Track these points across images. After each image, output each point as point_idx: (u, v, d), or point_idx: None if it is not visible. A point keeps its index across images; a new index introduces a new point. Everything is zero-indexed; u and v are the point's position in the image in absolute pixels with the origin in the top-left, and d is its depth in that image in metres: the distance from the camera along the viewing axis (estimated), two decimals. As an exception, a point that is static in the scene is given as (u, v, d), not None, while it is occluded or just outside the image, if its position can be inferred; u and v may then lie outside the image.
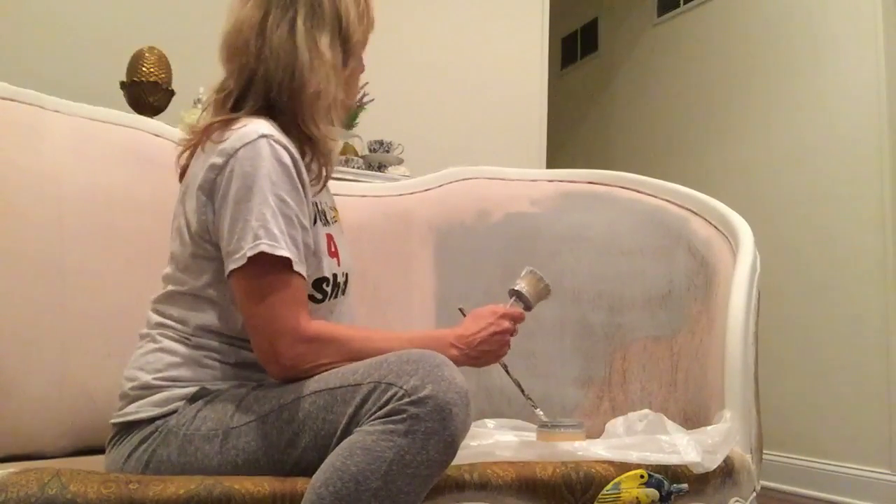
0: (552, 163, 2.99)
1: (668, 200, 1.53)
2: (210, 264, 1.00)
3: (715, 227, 1.43)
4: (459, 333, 1.06)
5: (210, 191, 0.98)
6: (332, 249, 1.09)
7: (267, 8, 0.99)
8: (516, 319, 1.12)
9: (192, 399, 0.97)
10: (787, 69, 3.04)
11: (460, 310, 1.32)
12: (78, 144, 1.33)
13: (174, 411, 0.97)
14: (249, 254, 0.92)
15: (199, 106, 2.02)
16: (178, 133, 1.49)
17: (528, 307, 1.19)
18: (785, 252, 2.91)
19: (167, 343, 1.01)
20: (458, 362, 0.99)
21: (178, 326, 1.02)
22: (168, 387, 0.98)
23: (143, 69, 1.96)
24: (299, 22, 0.99)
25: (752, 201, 3.03)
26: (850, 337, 2.67)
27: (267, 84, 1.00)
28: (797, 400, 2.82)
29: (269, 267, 0.93)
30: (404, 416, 0.82)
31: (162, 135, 1.46)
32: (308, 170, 1.03)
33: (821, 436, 2.74)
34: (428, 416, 0.81)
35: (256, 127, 0.96)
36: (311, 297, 1.03)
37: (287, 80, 0.99)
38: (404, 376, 0.84)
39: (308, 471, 0.86)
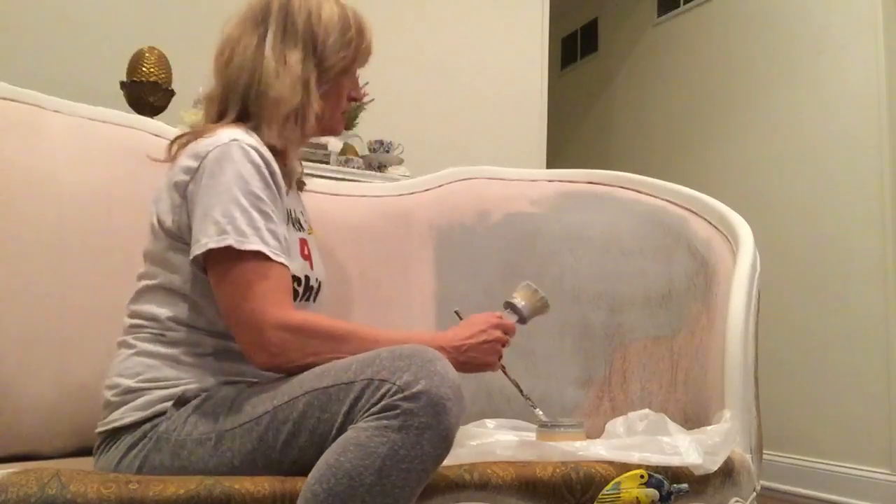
0: (552, 163, 2.99)
1: (668, 200, 1.53)
2: (185, 260, 1.01)
3: (715, 227, 1.43)
4: (450, 337, 1.08)
5: (184, 192, 1.01)
6: (305, 253, 1.12)
7: (244, 27, 1.09)
8: (508, 330, 1.14)
9: (179, 403, 0.97)
10: (787, 69, 3.04)
11: (456, 312, 1.32)
12: (78, 144, 1.33)
13: (159, 414, 0.97)
14: (213, 245, 0.94)
15: (199, 106, 2.02)
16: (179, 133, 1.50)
17: (522, 319, 1.20)
18: (785, 252, 2.91)
19: (143, 346, 1.02)
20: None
21: (150, 324, 1.03)
22: (150, 389, 0.99)
23: (143, 69, 1.96)
24: (269, 36, 1.08)
25: (752, 201, 3.03)
26: (850, 337, 2.67)
27: (237, 89, 1.07)
28: (797, 400, 2.82)
29: (241, 262, 0.95)
30: (398, 411, 0.82)
31: (162, 135, 1.46)
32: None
33: (821, 436, 2.74)
34: (422, 410, 0.82)
35: (229, 133, 1.01)
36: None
37: (254, 85, 1.06)
38: (397, 372, 0.84)
39: (306, 469, 0.87)
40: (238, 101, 1.07)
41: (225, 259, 0.96)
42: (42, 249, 1.23)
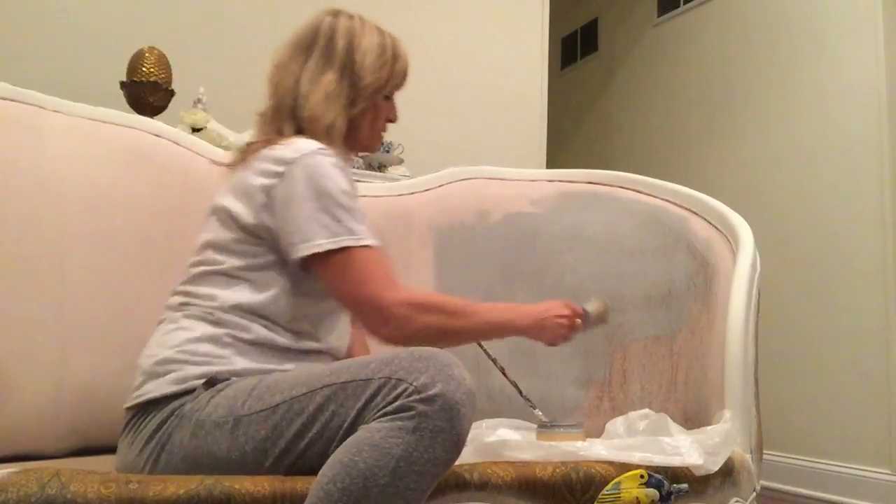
0: (552, 163, 2.99)
1: (668, 200, 1.53)
2: (257, 250, 1.09)
3: (715, 227, 1.43)
4: (534, 306, 1.22)
5: (269, 194, 1.07)
6: None
7: (292, 53, 1.20)
8: (575, 312, 1.24)
9: (208, 384, 1.00)
10: (787, 69, 3.04)
11: None
12: (78, 144, 1.33)
13: (190, 391, 0.99)
14: (331, 247, 1.04)
15: (200, 106, 2.03)
16: (179, 133, 1.50)
17: (586, 321, 1.27)
18: (785, 252, 2.91)
19: (187, 322, 1.06)
20: (526, 331, 1.20)
21: (203, 303, 1.07)
22: (185, 361, 1.02)
23: (143, 69, 1.96)
24: (311, 61, 1.18)
25: (752, 201, 3.03)
26: (850, 337, 2.67)
27: (285, 110, 1.16)
28: (797, 400, 2.82)
29: (356, 256, 1.06)
30: (413, 413, 0.83)
31: (162, 135, 1.46)
32: None
33: (821, 436, 2.74)
34: (436, 414, 0.83)
35: (310, 143, 1.10)
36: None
37: (292, 104, 1.16)
38: (415, 373, 0.86)
39: (312, 461, 0.88)
40: (290, 121, 1.15)
41: (340, 256, 1.05)
42: (42, 249, 1.23)
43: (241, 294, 1.07)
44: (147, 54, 1.98)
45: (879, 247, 2.61)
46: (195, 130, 1.91)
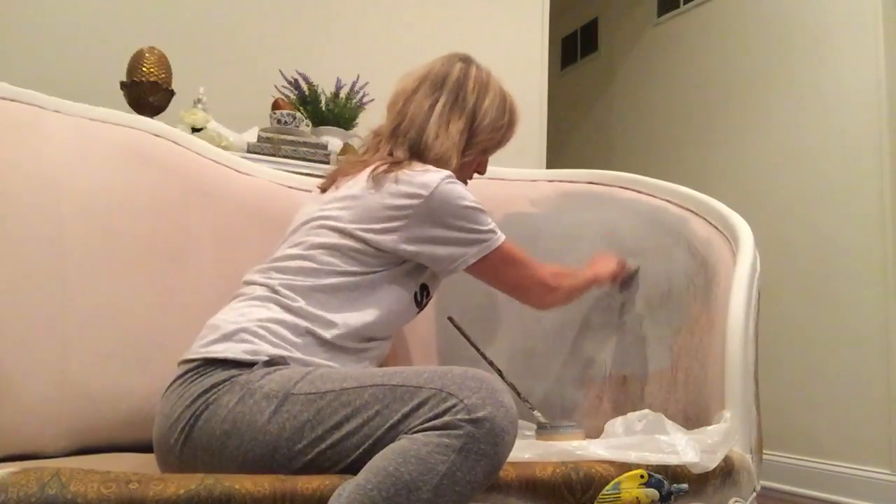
0: (552, 163, 2.99)
1: (667, 200, 1.53)
2: (373, 262, 1.15)
3: (715, 227, 1.42)
4: (599, 262, 1.46)
5: (403, 214, 1.15)
6: None
7: (420, 86, 1.28)
8: (620, 261, 1.47)
9: (270, 363, 1.02)
10: (786, 69, 3.04)
11: (450, 319, 1.32)
12: (78, 144, 1.33)
13: (252, 364, 1.01)
14: (500, 242, 1.21)
15: (200, 106, 2.03)
16: (179, 133, 1.50)
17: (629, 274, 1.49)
18: (785, 252, 2.91)
19: (274, 305, 1.10)
20: (608, 279, 1.45)
21: (293, 294, 1.11)
22: (262, 338, 1.05)
23: (143, 69, 1.96)
24: (440, 104, 1.26)
25: (752, 201, 3.03)
26: (850, 337, 2.67)
27: (406, 138, 1.24)
28: (797, 400, 2.82)
29: (506, 248, 1.23)
30: (460, 432, 0.84)
31: (162, 135, 1.46)
32: None
33: (821, 436, 2.74)
34: (483, 438, 0.85)
35: (440, 171, 1.18)
36: (417, 301, 1.23)
37: (416, 139, 1.24)
38: (466, 391, 0.87)
39: (343, 454, 0.91)
40: (407, 148, 1.23)
41: (492, 257, 1.21)
42: (42, 250, 1.23)
43: (335, 296, 1.12)
44: (147, 54, 1.98)
45: (879, 247, 2.61)
46: (195, 130, 1.91)
